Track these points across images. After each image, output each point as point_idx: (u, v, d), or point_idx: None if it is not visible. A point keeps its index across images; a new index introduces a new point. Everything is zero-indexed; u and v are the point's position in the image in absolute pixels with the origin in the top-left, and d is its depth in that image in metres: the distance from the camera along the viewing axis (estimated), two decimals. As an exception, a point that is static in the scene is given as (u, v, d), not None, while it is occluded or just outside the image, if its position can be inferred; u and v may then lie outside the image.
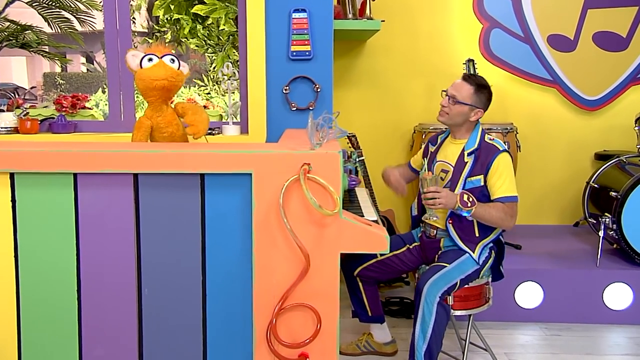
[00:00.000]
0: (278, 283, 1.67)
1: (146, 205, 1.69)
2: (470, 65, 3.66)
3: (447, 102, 2.56)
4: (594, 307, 3.17)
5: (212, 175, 1.68)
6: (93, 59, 16.22)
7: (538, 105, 4.16)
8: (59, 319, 1.72)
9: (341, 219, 1.67)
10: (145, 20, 12.05)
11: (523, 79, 4.12)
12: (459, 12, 4.08)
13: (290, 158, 1.64)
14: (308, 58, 3.01)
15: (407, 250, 2.68)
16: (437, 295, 2.30)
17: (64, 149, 1.65)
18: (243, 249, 1.70)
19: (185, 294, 1.72)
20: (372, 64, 4.11)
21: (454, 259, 2.45)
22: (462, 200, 2.39)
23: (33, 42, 4.22)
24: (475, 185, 2.48)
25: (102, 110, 9.93)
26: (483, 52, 4.06)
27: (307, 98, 3.07)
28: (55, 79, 15.03)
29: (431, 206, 2.41)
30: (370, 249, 1.72)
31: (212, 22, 8.15)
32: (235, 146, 1.76)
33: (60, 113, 3.48)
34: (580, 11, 4.08)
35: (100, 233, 1.69)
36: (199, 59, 13.02)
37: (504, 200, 2.46)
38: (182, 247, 1.71)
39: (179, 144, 1.91)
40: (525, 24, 4.06)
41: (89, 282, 1.71)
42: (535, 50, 4.08)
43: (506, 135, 3.80)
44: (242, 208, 1.69)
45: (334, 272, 1.68)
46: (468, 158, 2.52)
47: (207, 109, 3.82)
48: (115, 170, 1.65)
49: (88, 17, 4.17)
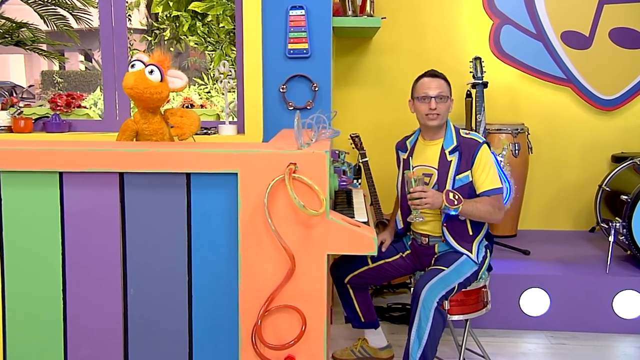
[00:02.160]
0: (264, 284, 1.75)
1: (132, 205, 1.78)
2: (477, 63, 3.71)
3: (436, 104, 2.59)
4: (603, 316, 3.21)
5: (198, 175, 1.76)
6: (91, 56, 16.45)
7: (551, 105, 4.19)
8: (44, 319, 1.81)
9: (328, 220, 1.74)
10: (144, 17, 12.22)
11: (535, 78, 4.15)
12: (468, 8, 4.14)
13: (277, 157, 1.72)
14: (306, 56, 3.09)
15: (400, 258, 2.75)
16: (435, 300, 2.36)
17: (49, 148, 1.75)
18: (229, 249, 1.78)
19: (171, 295, 1.81)
20: (378, 61, 4.17)
21: (452, 261, 2.51)
22: (448, 199, 2.46)
23: (28, 39, 4.35)
24: (464, 182, 2.55)
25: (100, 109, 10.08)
26: (493, 50, 4.10)
27: (304, 97, 3.15)
28: (53, 77, 15.27)
29: (417, 206, 2.47)
30: (357, 250, 1.79)
31: (211, 19, 8.25)
32: (221, 145, 1.84)
33: (55, 112, 3.59)
34: (596, 6, 4.10)
35: (86, 232, 1.78)
36: (198, 57, 13.16)
37: (490, 193, 2.55)
38: (168, 247, 1.79)
39: (165, 143, 2.01)
40: (538, 20, 4.10)
41: (75, 282, 1.80)
42: (549, 48, 4.12)
43: (516, 136, 3.86)
44: (228, 208, 1.77)
45: (321, 273, 1.76)
46: (451, 156, 2.58)
47: (205, 108, 3.92)
48: (100, 169, 1.74)
49: (84, 14, 4.30)
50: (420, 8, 4.15)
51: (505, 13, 4.09)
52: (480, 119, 3.63)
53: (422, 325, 2.34)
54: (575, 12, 4.11)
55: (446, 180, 2.56)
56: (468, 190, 2.55)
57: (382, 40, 4.11)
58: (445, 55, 4.15)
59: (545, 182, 4.25)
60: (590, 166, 4.22)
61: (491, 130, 3.86)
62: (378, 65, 4.18)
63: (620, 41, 4.12)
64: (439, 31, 4.16)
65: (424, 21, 4.16)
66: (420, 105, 2.63)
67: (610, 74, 4.14)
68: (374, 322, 2.83)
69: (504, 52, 4.12)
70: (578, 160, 4.24)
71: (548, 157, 4.22)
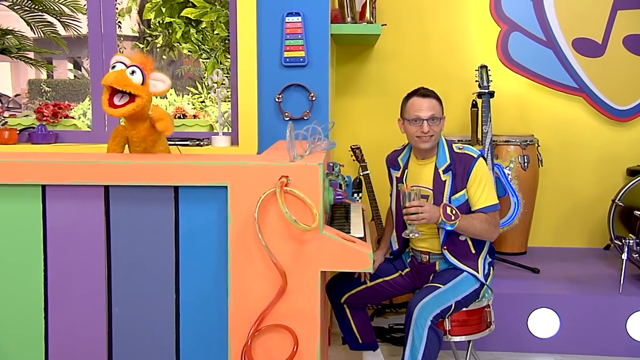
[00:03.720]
0: (255, 302, 1.78)
1: (117, 219, 1.81)
2: (484, 72, 3.74)
3: (429, 127, 2.59)
4: (616, 338, 3.22)
5: (186, 188, 1.80)
6: (80, 65, 16.53)
7: (562, 116, 4.22)
8: (24, 339, 1.83)
9: (321, 235, 1.77)
10: (136, 24, 12.30)
11: (545, 87, 4.18)
12: (474, 14, 4.18)
13: (268, 170, 1.75)
14: (302, 64, 3.13)
15: (399, 276, 2.78)
16: (429, 318, 2.37)
17: (32, 160, 1.78)
18: (218, 265, 1.81)
19: (157, 313, 1.84)
20: (380, 70, 4.21)
21: (450, 279, 2.54)
22: (445, 214, 2.49)
23: (14, 47, 4.40)
24: (461, 202, 2.59)
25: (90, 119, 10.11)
26: (501, 58, 4.14)
27: (301, 107, 3.18)
28: (40, 86, 15.33)
29: (414, 221, 2.49)
30: (352, 267, 1.83)
31: (206, 25, 8.29)
32: (211, 157, 1.88)
33: (41, 123, 3.62)
34: (609, 12, 4.14)
35: (69, 248, 1.81)
36: (192, 65, 13.21)
37: (486, 210, 2.58)
38: (154, 263, 1.82)
39: (152, 155, 2.04)
40: (548, 26, 4.14)
41: (57, 300, 1.83)
42: (559, 56, 4.15)
43: (525, 148, 3.89)
44: (217, 222, 1.80)
45: (314, 291, 1.79)
46: (445, 176, 2.61)
47: (197, 118, 3.96)
48: (85, 182, 1.78)
49: (73, 21, 4.36)
50: (424, 14, 4.19)
51: (513, 19, 4.13)
52: (487, 130, 3.66)
53: (415, 344, 2.35)
54: (588, 18, 4.14)
55: (442, 201, 2.58)
56: (465, 210, 2.59)
57: (384, 47, 4.15)
58: (450, 63, 4.18)
59: (556, 197, 4.26)
60: (604, 180, 4.23)
61: (499, 142, 3.89)
62: (380, 73, 4.21)
63: (635, 48, 4.15)
64: (443, 38, 4.20)
65: (428, 27, 4.19)
66: (411, 127, 2.63)
67: (624, 83, 4.16)
68: (372, 344, 2.85)
69: (512, 60, 4.15)
70: (591, 173, 4.25)
71: (559, 171, 4.24)
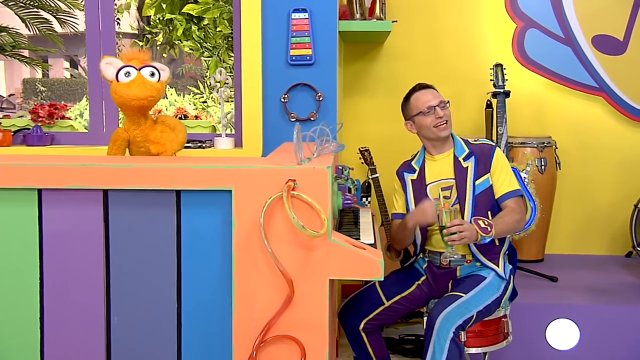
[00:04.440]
0: (260, 312, 1.76)
1: (116, 225, 1.80)
2: (499, 70, 3.73)
3: (442, 111, 2.71)
4: (639, 350, 3.19)
5: (188, 192, 1.78)
6: (77, 63, 16.59)
7: (581, 116, 4.19)
8: (19, 350, 1.82)
9: (330, 242, 1.76)
10: (135, 21, 12.32)
11: (563, 86, 4.15)
12: (488, 10, 4.16)
13: (274, 173, 1.74)
14: (309, 63, 3.12)
15: (416, 289, 2.76)
16: (451, 329, 2.36)
17: (27, 163, 1.78)
18: (222, 273, 1.80)
19: (158, 323, 1.82)
20: (390, 69, 4.19)
21: (471, 287, 2.53)
22: (481, 228, 2.49)
23: (8, 45, 4.42)
24: (485, 187, 2.64)
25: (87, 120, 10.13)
26: (517, 56, 4.12)
27: (308, 107, 3.17)
28: (35, 85, 15.39)
29: (455, 242, 2.47)
30: (362, 275, 1.81)
31: (208, 22, 8.29)
32: (214, 160, 1.87)
33: (36, 124, 3.62)
34: (631, 8, 4.10)
35: (66, 255, 1.80)
36: (194, 64, 13.21)
37: (512, 195, 2.64)
38: (155, 271, 1.81)
39: (153, 158, 2.03)
40: (566, 22, 4.11)
41: (53, 309, 1.82)
42: (578, 53, 4.13)
43: (542, 150, 3.86)
44: (221, 228, 1.79)
45: (322, 300, 1.77)
46: (466, 162, 2.69)
47: (199, 119, 3.95)
48: (83, 185, 1.76)
49: (69, 18, 4.36)
50: (436, 10, 4.17)
51: (529, 15, 4.11)
52: (502, 131, 3.64)
53: (436, 357, 2.34)
54: (608, 14, 4.11)
55: (466, 189, 2.62)
56: (490, 195, 2.64)
57: (394, 45, 4.14)
58: (463, 61, 4.16)
59: (575, 202, 4.23)
60: (625, 183, 4.20)
61: (514, 144, 3.87)
62: (390, 72, 4.19)
63: (658, 46, 4.13)
64: (456, 35, 4.18)
65: (440, 24, 4.18)
66: (425, 119, 2.72)
67: (646, 82, 4.14)
68: (385, 359, 2.83)
69: (528, 58, 4.13)
70: (611, 176, 4.22)
71: (578, 174, 4.21)
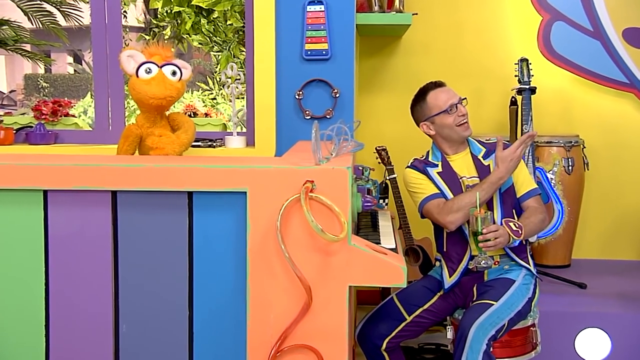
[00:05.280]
0: (276, 320, 1.75)
1: (125, 228, 1.79)
2: (524, 66, 3.71)
3: (464, 108, 2.75)
4: (674, 361, 3.17)
5: (201, 194, 1.77)
6: (81, 58, 16.66)
7: (611, 114, 4.17)
8: (23, 358, 1.82)
9: (350, 246, 1.74)
10: (142, 14, 12.39)
11: (592, 82, 4.13)
12: (513, 2, 4.14)
13: (291, 174, 1.72)
14: (325, 58, 3.11)
15: (438, 299, 2.74)
16: (485, 341, 2.36)
17: (32, 162, 1.77)
18: (236, 279, 1.78)
19: (169, 332, 1.81)
20: (408, 64, 4.18)
21: (501, 293, 2.51)
22: (512, 231, 2.53)
23: (9, 39, 4.43)
24: (509, 185, 2.68)
25: (91, 117, 10.20)
26: (542, 50, 4.09)
27: (323, 105, 3.16)
28: (37, 81, 15.48)
29: (490, 248, 2.49)
30: (383, 282, 1.79)
31: (218, 15, 8.31)
32: (228, 160, 1.86)
33: (39, 121, 3.63)
34: (664, -1, 4.10)
35: (73, 259, 1.80)
36: (203, 59, 13.26)
37: (529, 195, 2.72)
38: (166, 276, 1.80)
39: (163, 157, 2.03)
40: (595, 15, 4.09)
41: (59, 316, 1.81)
42: (608, 47, 4.10)
43: (570, 150, 3.84)
44: (235, 231, 1.77)
45: (342, 308, 1.75)
46: (487, 161, 2.73)
47: (209, 116, 3.94)
48: (90, 186, 1.75)
49: (74, 11, 4.38)
50: (457, 2, 4.16)
51: (556, 7, 4.08)
52: (528, 129, 3.62)
53: None
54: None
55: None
56: (513, 193, 2.70)
57: (413, 39, 4.13)
58: (486, 56, 4.15)
59: (603, 204, 4.21)
60: (657, 185, 4.18)
61: (540, 143, 3.85)
62: (408, 68, 4.18)
63: (693, 39, 4.09)
64: (478, 29, 4.17)
65: (462, 17, 4.17)
66: (447, 118, 2.72)
67: (681, 77, 4.10)
68: None
69: (555, 53, 4.10)
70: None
71: (607, 175, 4.18)
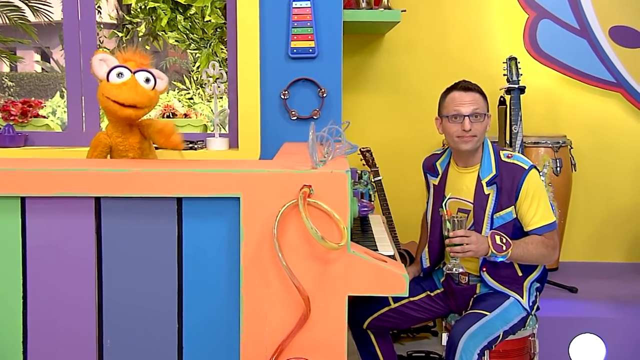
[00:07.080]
0: (272, 332, 1.71)
1: (110, 237, 1.74)
2: (513, 64, 3.70)
3: (470, 124, 2.49)
4: (670, 366, 3.18)
5: (191, 200, 1.73)
6: (50, 56, 16.53)
7: (598, 114, 4.18)
8: (1, 376, 1.76)
9: (349, 254, 1.71)
10: (114, 10, 12.31)
11: (579, 81, 4.15)
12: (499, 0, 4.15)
13: (287, 178, 1.69)
14: (312, 56, 3.09)
15: (426, 297, 2.71)
16: (476, 351, 2.33)
17: (8, 167, 1.70)
18: (229, 290, 1.75)
19: (156, 346, 1.76)
20: (392, 62, 4.16)
21: (496, 305, 2.48)
22: (495, 244, 2.41)
23: (-27, 35, 4.33)
24: (506, 221, 2.51)
25: (61, 118, 10.09)
26: (529, 49, 4.10)
27: (310, 105, 3.13)
28: (2, 80, 15.33)
29: (457, 254, 2.41)
30: (385, 291, 1.76)
31: (195, 12, 8.31)
32: (220, 164, 1.81)
33: (8, 122, 3.55)
34: (651, -3, 4.13)
35: (53, 271, 1.74)
36: (179, 57, 13.25)
37: (542, 231, 2.51)
38: (153, 288, 1.76)
39: (151, 161, 1.97)
40: (582, 13, 4.11)
41: (38, 332, 1.75)
42: (594, 46, 4.12)
43: (557, 150, 3.83)
44: (227, 239, 1.74)
45: (341, 319, 1.72)
46: (489, 189, 2.52)
47: (189, 117, 3.88)
48: (72, 193, 1.70)
49: (43, 6, 4.26)
50: (443, 0, 4.15)
51: (542, 5, 4.10)
52: (517, 130, 3.61)
53: None
54: (626, 4, 4.11)
55: (483, 219, 2.52)
56: (512, 229, 2.51)
57: (396, 37, 4.11)
58: (471, 55, 4.15)
59: (591, 206, 4.22)
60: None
61: (527, 144, 3.84)
62: (392, 66, 4.17)
63: (680, 38, 4.13)
64: (463, 26, 4.16)
65: (447, 15, 4.16)
66: (450, 126, 2.54)
67: (668, 77, 4.14)
68: None
69: (541, 51, 4.11)
70: (630, 179, 4.22)
71: (594, 176, 4.20)
